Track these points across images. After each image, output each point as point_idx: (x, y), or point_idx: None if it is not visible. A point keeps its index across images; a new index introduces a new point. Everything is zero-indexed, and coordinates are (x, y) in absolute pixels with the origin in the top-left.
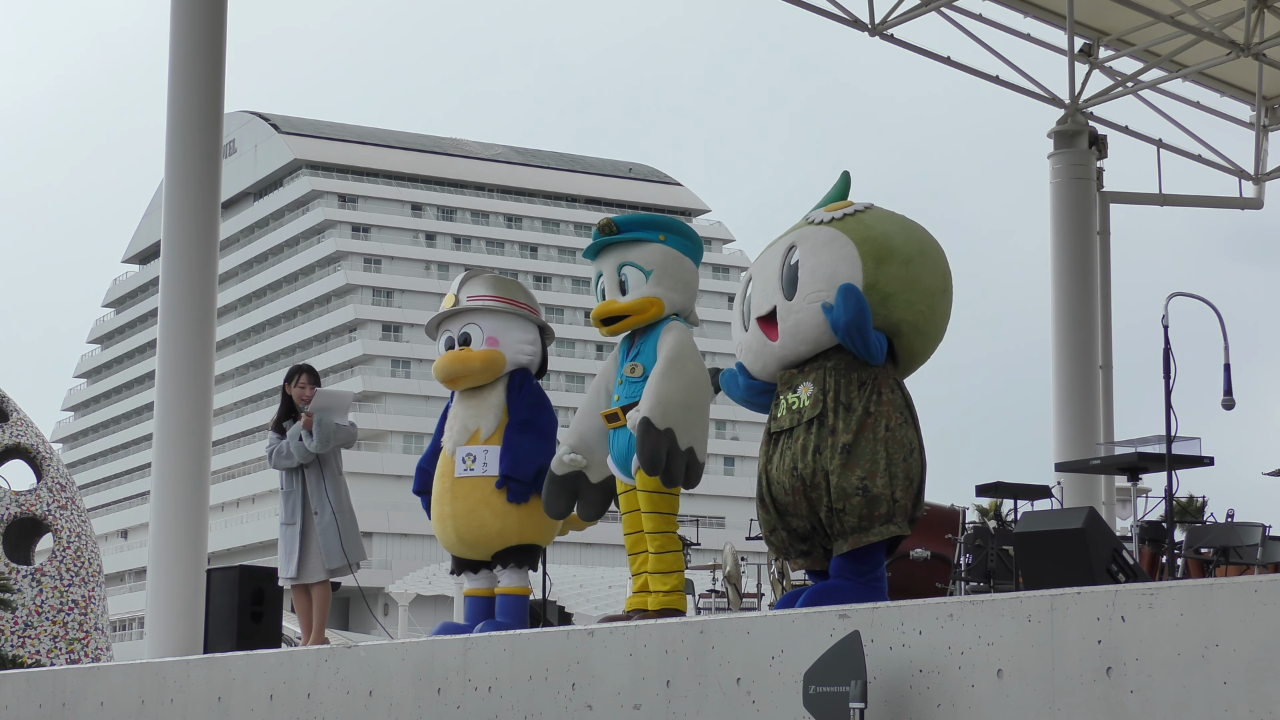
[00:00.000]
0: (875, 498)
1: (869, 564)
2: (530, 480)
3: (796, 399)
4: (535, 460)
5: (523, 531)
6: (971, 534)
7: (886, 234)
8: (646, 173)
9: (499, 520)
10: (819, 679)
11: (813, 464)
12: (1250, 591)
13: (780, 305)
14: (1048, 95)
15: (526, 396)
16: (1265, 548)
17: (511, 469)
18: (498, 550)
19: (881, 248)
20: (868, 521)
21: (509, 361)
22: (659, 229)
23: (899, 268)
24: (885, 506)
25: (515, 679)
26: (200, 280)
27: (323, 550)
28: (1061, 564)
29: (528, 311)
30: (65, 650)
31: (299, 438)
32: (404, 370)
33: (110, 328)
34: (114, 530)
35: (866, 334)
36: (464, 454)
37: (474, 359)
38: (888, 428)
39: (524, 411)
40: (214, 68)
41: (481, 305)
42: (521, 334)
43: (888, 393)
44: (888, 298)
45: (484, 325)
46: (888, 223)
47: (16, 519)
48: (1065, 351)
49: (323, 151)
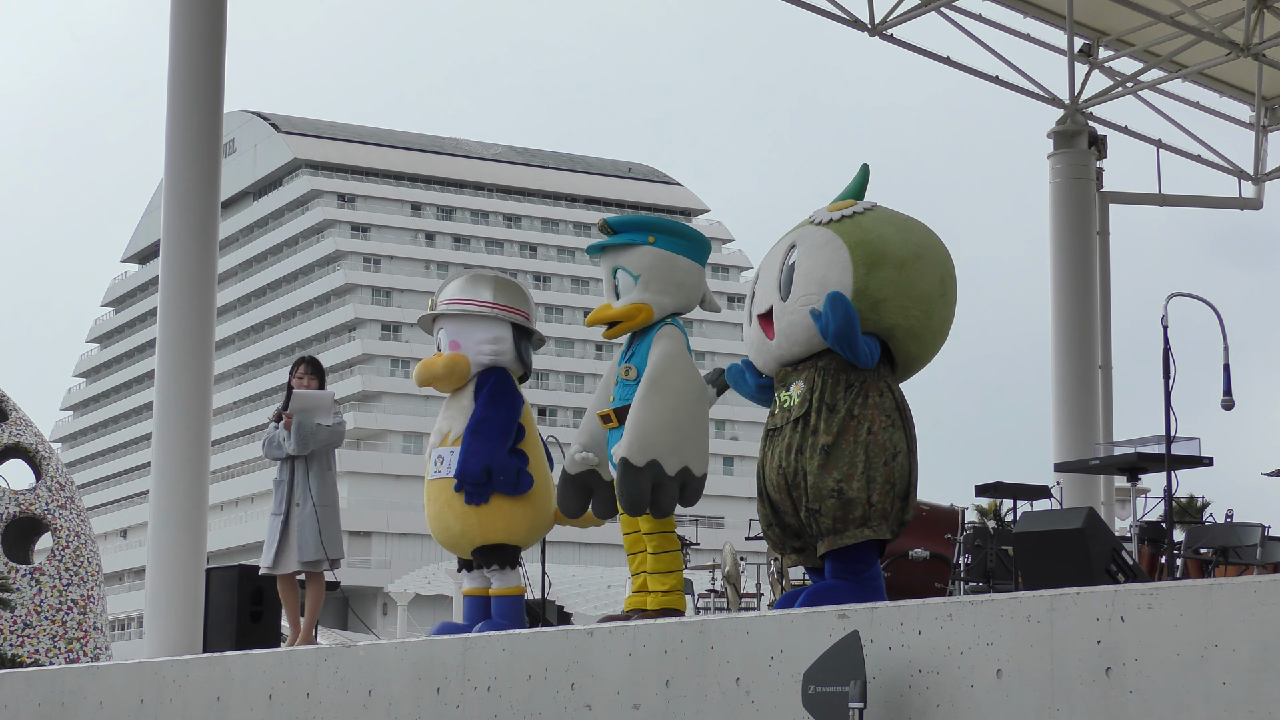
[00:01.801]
0: (850, 500)
1: (860, 563)
2: (480, 481)
3: (788, 397)
4: (481, 461)
5: (484, 532)
6: (971, 534)
7: (881, 238)
8: (646, 173)
9: (460, 521)
10: (818, 679)
11: (794, 463)
12: (1250, 592)
13: (776, 305)
14: (1047, 95)
15: (484, 396)
16: (1264, 548)
17: (461, 470)
18: (470, 550)
19: (874, 252)
20: (842, 524)
21: (472, 364)
22: (648, 230)
23: (891, 273)
24: (860, 510)
25: (514, 678)
26: (200, 280)
27: (297, 543)
28: (1061, 564)
29: (495, 310)
30: (64, 649)
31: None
32: (403, 370)
33: (109, 327)
34: (113, 529)
35: (854, 342)
36: (435, 456)
37: (436, 364)
38: (870, 431)
39: (478, 411)
40: (214, 67)
41: (447, 309)
42: (483, 334)
43: (875, 396)
44: (879, 303)
45: (448, 329)
46: (885, 225)
47: (16, 518)
48: (1065, 351)
49: (322, 151)
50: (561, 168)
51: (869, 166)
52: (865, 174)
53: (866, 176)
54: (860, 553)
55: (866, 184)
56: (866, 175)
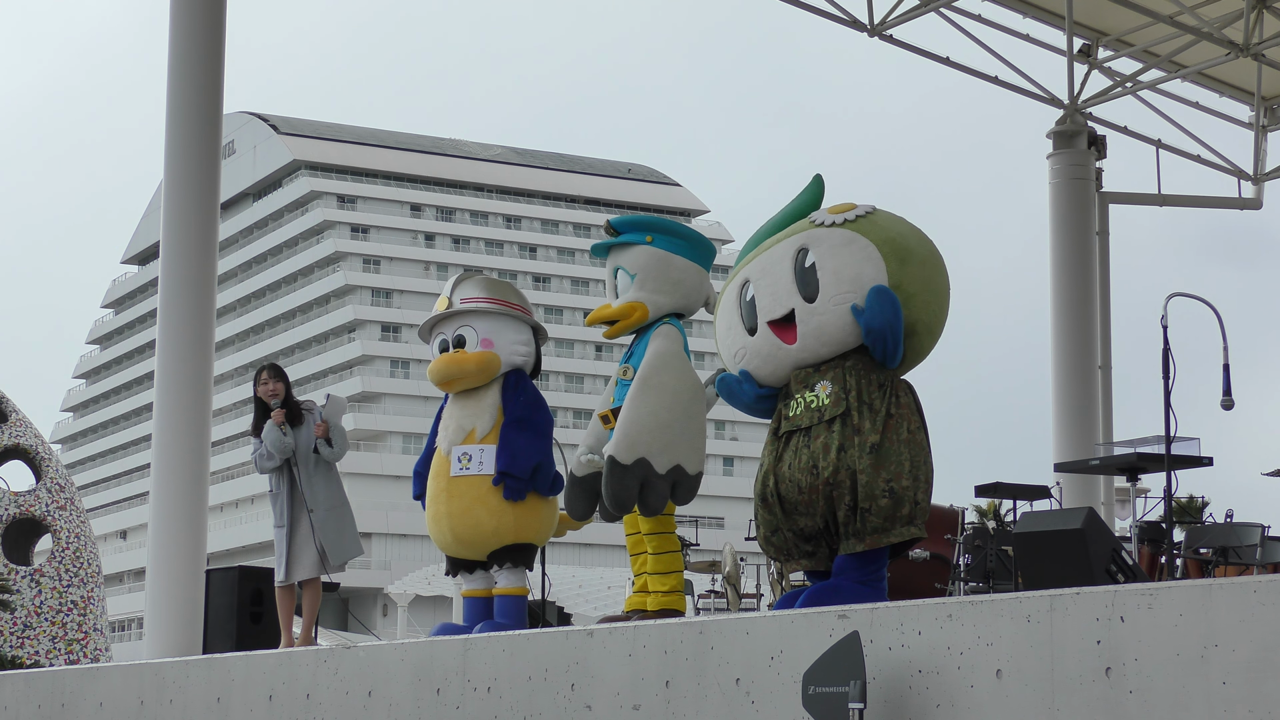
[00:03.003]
0: (900, 499)
1: (876, 564)
2: (527, 477)
3: (815, 397)
4: (532, 457)
5: (519, 530)
6: (971, 534)
7: (903, 234)
8: (645, 173)
9: (494, 519)
10: (818, 679)
11: (836, 462)
12: (1249, 592)
13: (800, 308)
14: (1047, 96)
15: (522, 395)
16: (1264, 548)
17: (509, 465)
18: (493, 549)
19: (901, 248)
20: (890, 522)
21: (504, 363)
22: (646, 230)
23: (918, 268)
24: (908, 508)
25: (514, 679)
26: (199, 281)
27: (324, 545)
28: (1061, 564)
29: (520, 313)
30: (64, 651)
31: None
32: (403, 371)
33: (109, 328)
34: (113, 531)
35: (900, 336)
36: (460, 453)
37: (469, 361)
38: (909, 430)
39: (520, 410)
40: (213, 68)
41: (475, 307)
42: (515, 335)
43: (904, 395)
44: (910, 298)
45: (479, 327)
46: (899, 224)
47: (16, 519)
48: (1064, 352)
49: (322, 152)
50: (561, 168)
51: (822, 176)
52: (820, 184)
53: (821, 187)
54: (879, 553)
55: (822, 196)
56: (821, 185)
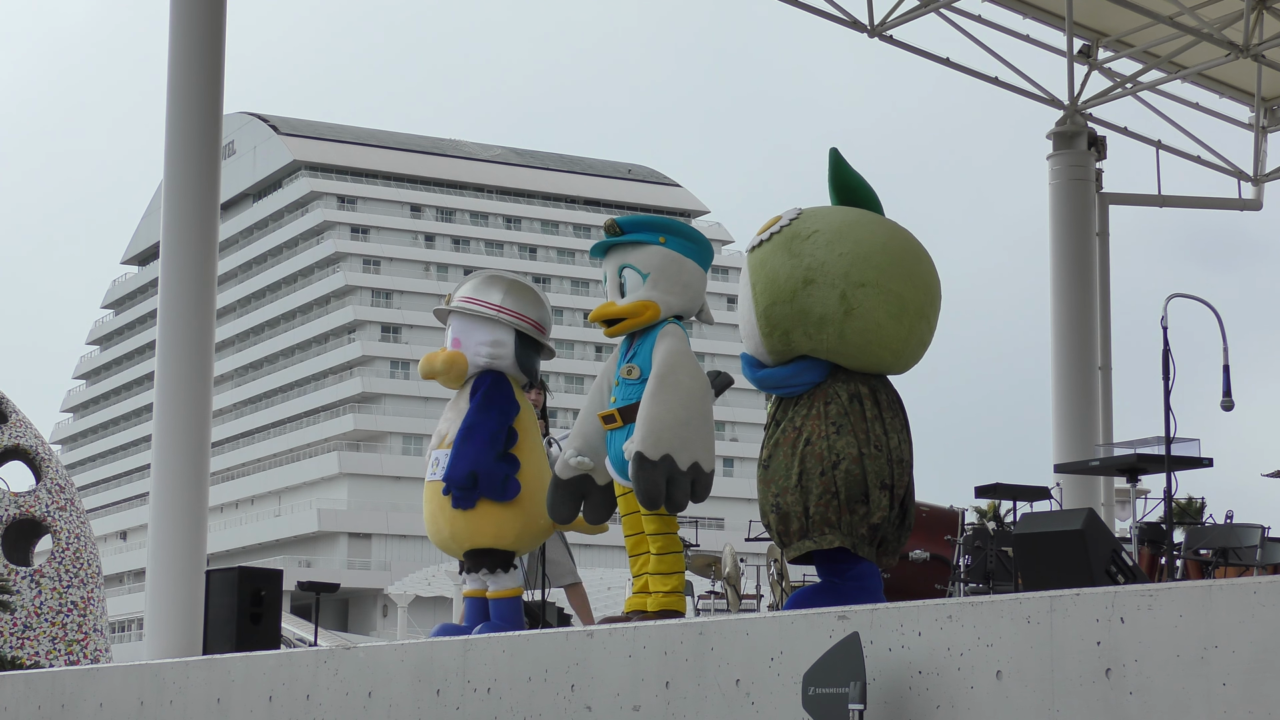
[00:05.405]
0: (785, 514)
1: (842, 564)
2: (466, 485)
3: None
4: (466, 465)
5: (473, 537)
6: (970, 535)
7: (773, 270)
8: (645, 174)
9: (450, 525)
10: (818, 680)
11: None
12: (1249, 593)
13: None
14: (1047, 96)
15: (477, 400)
16: (1264, 549)
17: (448, 473)
18: (461, 553)
19: (769, 284)
20: (785, 538)
21: (470, 364)
22: (659, 230)
23: (784, 306)
24: (797, 523)
25: (514, 680)
26: (199, 281)
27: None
28: (1061, 565)
29: (500, 313)
30: (64, 651)
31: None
32: (403, 371)
33: (109, 329)
34: (113, 531)
35: (771, 388)
36: (433, 458)
37: (437, 359)
38: (808, 441)
39: (469, 415)
40: (213, 69)
41: (455, 307)
42: (484, 335)
43: (820, 405)
44: (786, 333)
45: (453, 327)
46: (779, 253)
47: (16, 520)
48: (1064, 352)
49: (322, 153)
50: (561, 169)
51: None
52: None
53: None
54: (833, 557)
55: (841, 170)
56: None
